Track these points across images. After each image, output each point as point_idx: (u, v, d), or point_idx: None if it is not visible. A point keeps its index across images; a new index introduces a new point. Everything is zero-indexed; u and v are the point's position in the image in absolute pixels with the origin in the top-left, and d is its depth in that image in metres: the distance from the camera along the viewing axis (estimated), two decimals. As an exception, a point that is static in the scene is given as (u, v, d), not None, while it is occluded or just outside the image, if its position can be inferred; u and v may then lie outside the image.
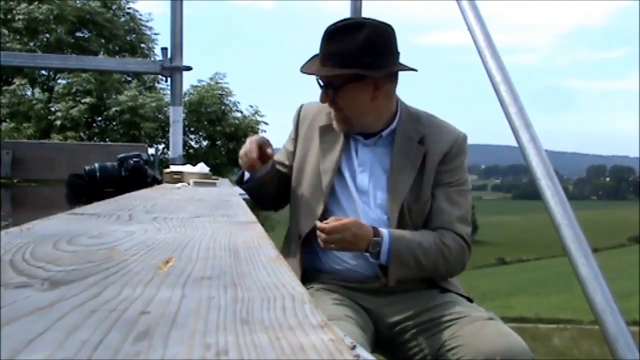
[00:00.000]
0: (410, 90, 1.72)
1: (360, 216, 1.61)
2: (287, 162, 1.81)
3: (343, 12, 3.29)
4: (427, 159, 1.64)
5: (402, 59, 1.65)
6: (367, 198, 1.64)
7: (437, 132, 1.68)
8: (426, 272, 1.59)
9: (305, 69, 1.65)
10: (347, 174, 1.66)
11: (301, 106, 1.82)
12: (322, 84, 1.64)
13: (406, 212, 1.60)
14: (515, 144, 1.59)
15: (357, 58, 1.56)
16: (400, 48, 1.64)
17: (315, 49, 1.66)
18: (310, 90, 1.77)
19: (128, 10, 17.35)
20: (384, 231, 1.54)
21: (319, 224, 1.52)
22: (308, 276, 1.63)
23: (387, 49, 1.60)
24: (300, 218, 1.68)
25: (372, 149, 1.68)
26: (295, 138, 1.79)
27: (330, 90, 1.61)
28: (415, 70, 1.64)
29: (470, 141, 1.75)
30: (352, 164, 1.68)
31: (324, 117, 1.73)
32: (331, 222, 1.50)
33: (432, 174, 1.63)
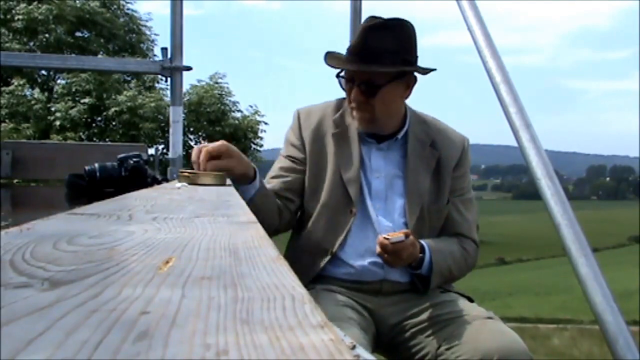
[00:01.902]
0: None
1: (375, 223, 1.58)
2: (298, 168, 1.65)
3: (346, 12, 3.30)
4: (441, 163, 1.64)
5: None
6: (382, 204, 1.60)
7: (446, 137, 1.69)
8: (453, 277, 1.65)
9: (338, 64, 1.54)
10: (364, 182, 1.62)
11: (297, 112, 1.70)
12: (353, 82, 1.54)
13: (425, 215, 1.60)
14: (515, 144, 1.59)
15: (402, 56, 1.53)
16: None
17: (318, 48, 1.64)
18: (311, 90, 1.78)
19: (127, 11, 17.39)
20: (425, 245, 1.55)
21: (380, 239, 1.46)
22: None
23: (417, 48, 1.60)
24: (327, 231, 1.59)
25: (385, 153, 1.65)
26: (302, 144, 1.65)
27: (367, 89, 1.52)
28: (435, 69, 1.64)
29: (470, 141, 1.76)
30: (367, 170, 1.63)
31: (331, 123, 1.65)
32: (394, 241, 1.44)
33: (448, 179, 1.64)
